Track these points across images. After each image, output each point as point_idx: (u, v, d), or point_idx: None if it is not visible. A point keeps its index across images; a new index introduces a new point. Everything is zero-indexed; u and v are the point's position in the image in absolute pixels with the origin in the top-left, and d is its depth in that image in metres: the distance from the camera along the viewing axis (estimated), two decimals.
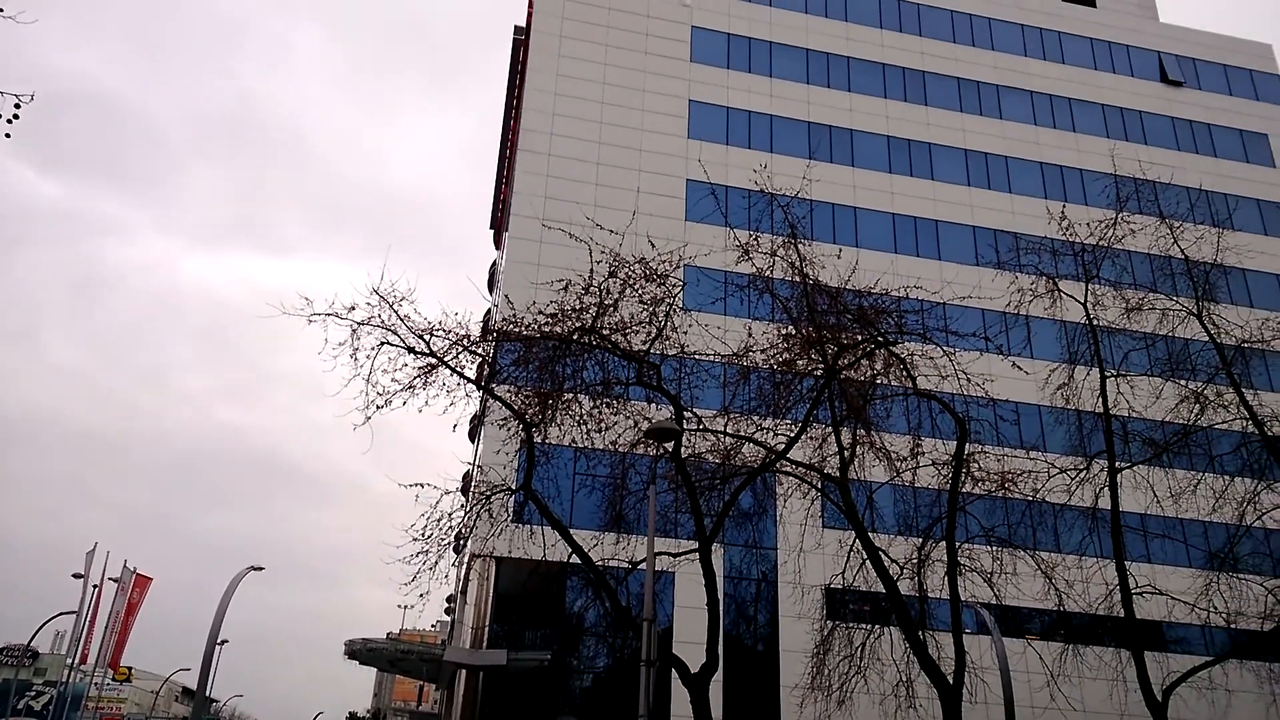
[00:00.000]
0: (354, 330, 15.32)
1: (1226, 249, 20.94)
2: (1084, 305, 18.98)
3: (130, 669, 70.60)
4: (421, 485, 15.41)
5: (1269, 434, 17.87)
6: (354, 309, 15.33)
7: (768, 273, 16.68)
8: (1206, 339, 18.76)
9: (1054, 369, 19.52)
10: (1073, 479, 18.98)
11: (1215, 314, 19.08)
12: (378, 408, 15.25)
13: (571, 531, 16.56)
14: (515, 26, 41.81)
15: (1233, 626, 19.83)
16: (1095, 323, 19.01)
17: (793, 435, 16.79)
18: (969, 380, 16.67)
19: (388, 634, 63.66)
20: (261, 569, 24.85)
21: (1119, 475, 18.30)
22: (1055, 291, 19.03)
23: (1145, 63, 44.98)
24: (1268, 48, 46.98)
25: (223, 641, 31.62)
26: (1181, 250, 19.53)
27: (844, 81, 40.57)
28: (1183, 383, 19.27)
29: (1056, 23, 44.92)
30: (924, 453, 17.87)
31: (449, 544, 15.88)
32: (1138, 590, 17.77)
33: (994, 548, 18.91)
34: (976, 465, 18.11)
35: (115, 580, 43.20)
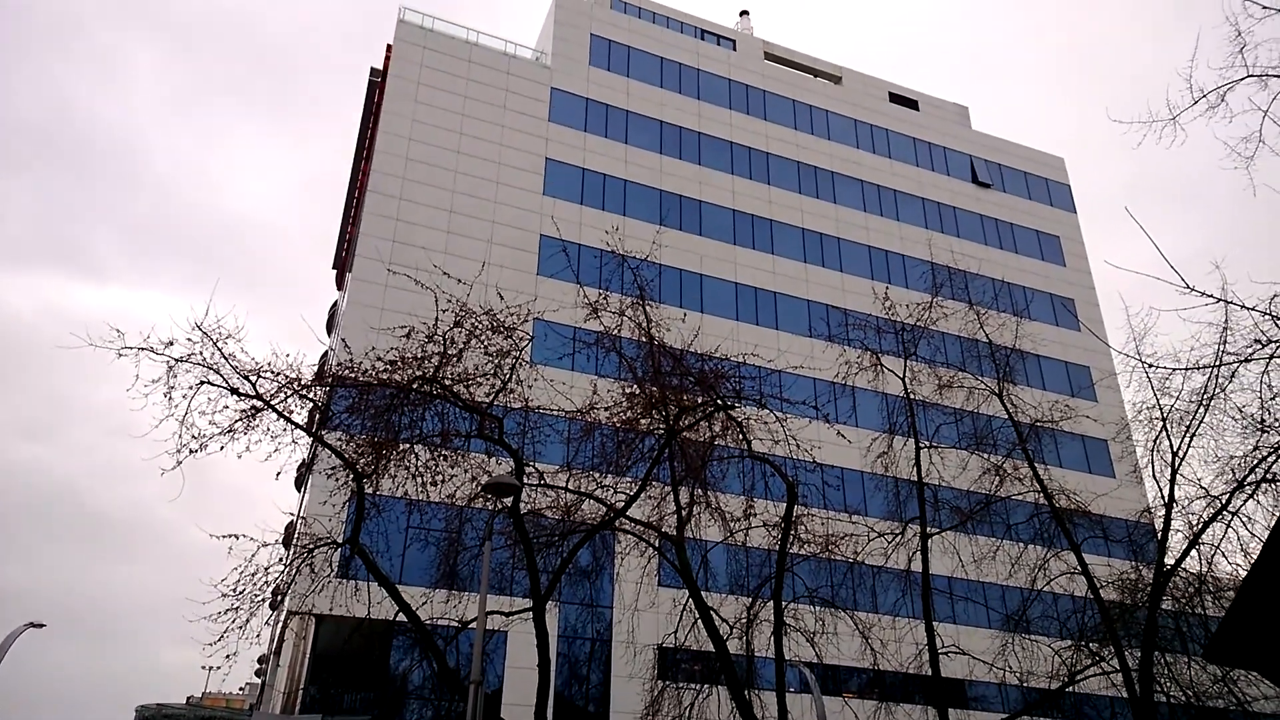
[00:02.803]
0: (170, 367, 14.30)
1: (1024, 336, 23.25)
2: (903, 380, 20.40)
3: None
4: (236, 536, 14.38)
5: (1057, 506, 19.67)
6: (172, 344, 14.36)
7: (615, 332, 16.94)
8: (1006, 417, 20.58)
9: (875, 438, 20.80)
10: (890, 543, 20.13)
11: (1013, 394, 21.02)
12: (191, 452, 14.24)
13: (401, 588, 15.83)
14: (372, 69, 41.15)
15: (1025, 685, 21.44)
16: (912, 397, 20.47)
17: (632, 493, 16.93)
18: (799, 445, 17.47)
19: (188, 698, 57.86)
20: (43, 625, 22.11)
21: (929, 540, 19.58)
22: (878, 366, 20.40)
23: (959, 164, 49.91)
24: (1061, 160, 53.33)
25: None
26: (986, 335, 21.48)
27: (695, 155, 42.46)
28: (985, 456, 21.00)
29: (885, 121, 49.16)
30: (756, 514, 18.45)
31: (263, 600, 14.76)
32: (944, 650, 18.90)
33: (817, 608, 19.66)
34: (804, 527, 18.87)
35: None
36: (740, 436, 17.22)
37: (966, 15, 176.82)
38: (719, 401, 16.86)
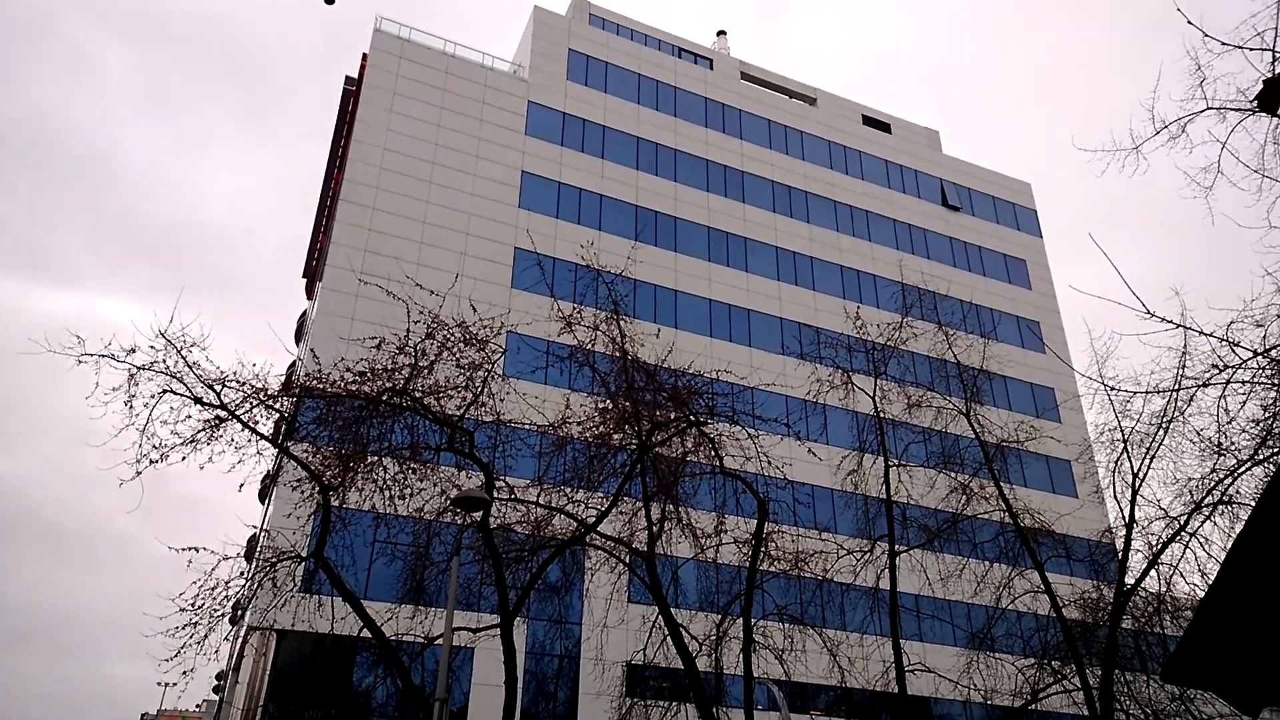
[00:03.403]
0: (132, 375, 14.05)
1: (991, 357, 23.61)
2: (873, 399, 20.62)
3: None
4: (196, 549, 14.11)
5: (1022, 525, 19.93)
6: (134, 351, 14.12)
7: (589, 346, 16.94)
8: (973, 436, 20.86)
9: (845, 456, 20.96)
10: (858, 560, 20.26)
11: (980, 414, 21.31)
12: (151, 462, 13.98)
13: (366, 603, 15.62)
14: (346, 77, 40.96)
15: (989, 703, 21.63)
16: (882, 415, 20.67)
17: (604, 509, 16.89)
18: (770, 462, 17.55)
19: (142, 715, 56.52)
20: None
21: (897, 558, 19.74)
22: (849, 384, 20.60)
23: (930, 187, 50.68)
24: (1028, 185, 54.35)
25: None
26: (954, 355, 21.78)
27: (671, 171, 42.71)
28: (953, 475, 21.25)
29: (858, 143, 49.83)
30: (727, 530, 18.49)
31: (223, 615, 14.48)
32: (910, 668, 19.02)
33: (786, 625, 19.70)
34: (774, 544, 18.93)
35: None
36: (712, 453, 17.27)
37: (938, 42, 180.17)
38: (692, 418, 16.90)
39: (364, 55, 39.09)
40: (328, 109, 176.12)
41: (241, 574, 14.84)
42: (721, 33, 53.67)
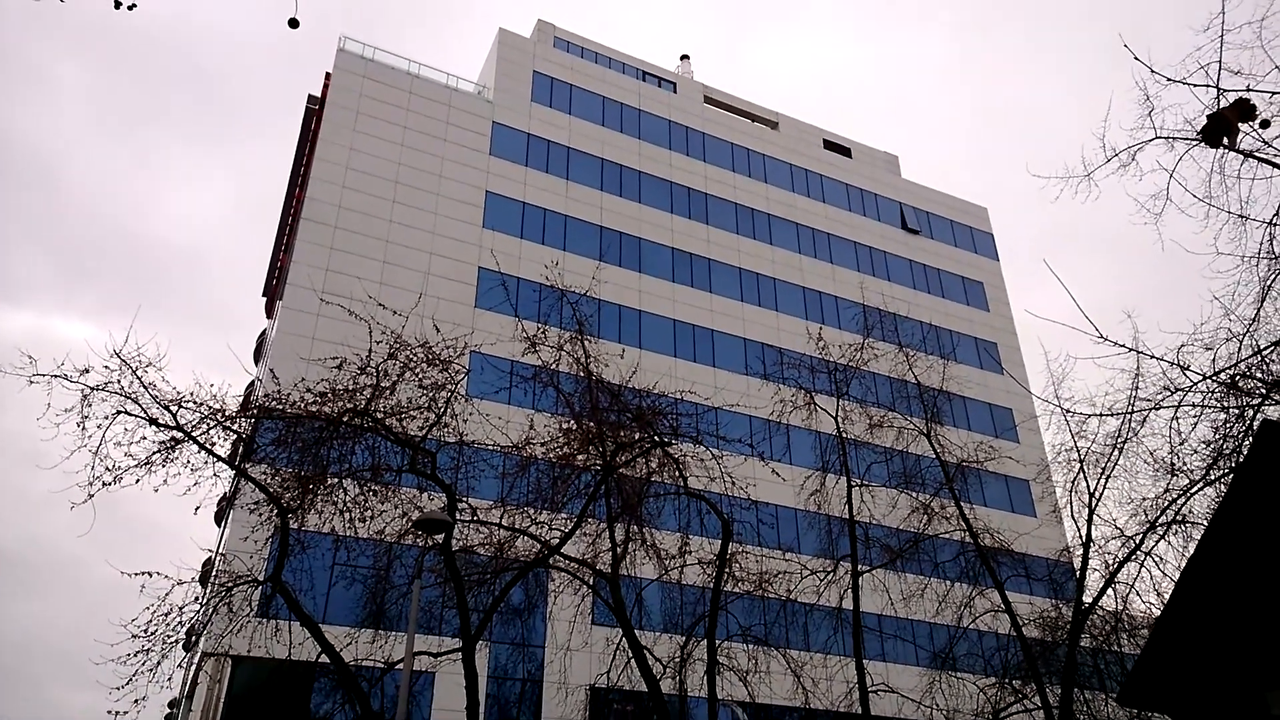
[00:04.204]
0: (85, 395, 13.74)
1: (950, 378, 23.99)
2: (835, 419, 20.81)
3: None
4: (149, 574, 13.76)
5: (982, 545, 20.20)
6: (88, 371, 13.82)
7: (553, 366, 16.90)
8: (934, 457, 21.13)
9: (809, 476, 21.09)
10: (822, 580, 20.35)
11: (941, 435, 21.62)
12: (104, 484, 13.64)
13: (325, 627, 15.30)
14: (309, 96, 40.66)
15: None
16: (844, 435, 20.87)
17: (567, 530, 16.77)
18: (735, 483, 17.59)
19: None
20: None
21: (860, 578, 19.86)
22: (812, 405, 20.78)
23: (889, 210, 51.57)
24: (984, 210, 55.55)
25: None
26: (915, 376, 22.10)
27: (635, 193, 42.95)
28: (914, 495, 21.49)
29: (819, 166, 50.60)
30: (691, 551, 18.46)
31: (176, 641, 14.10)
32: (874, 688, 19.10)
33: (750, 646, 19.68)
34: (738, 565, 18.94)
35: None
36: (677, 473, 17.27)
37: (898, 69, 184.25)
38: (656, 438, 16.90)
39: (327, 74, 38.88)
40: (290, 128, 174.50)
41: (196, 599, 14.47)
42: (685, 57, 54.30)
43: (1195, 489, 13.59)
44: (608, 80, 45.92)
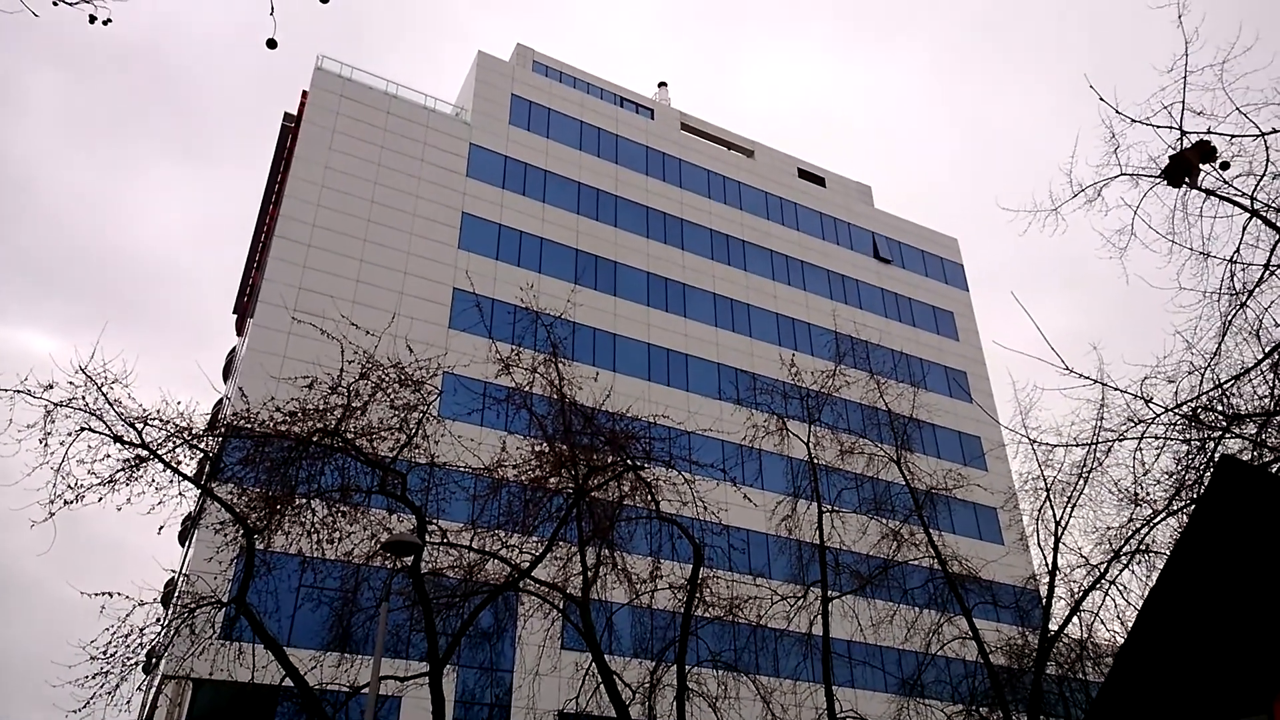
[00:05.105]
0: (48, 412, 13.52)
1: (920, 406, 24.28)
2: (807, 445, 20.96)
3: None
4: (110, 594, 13.49)
5: (950, 571, 20.36)
6: (51, 387, 13.61)
7: (527, 388, 16.87)
8: (904, 483, 21.32)
9: (780, 501, 21.18)
10: (792, 606, 20.37)
11: (911, 462, 21.83)
12: (66, 503, 13.38)
13: (290, 650, 15.05)
14: (285, 113, 40.54)
15: None
16: (815, 461, 21.01)
17: (538, 553, 16.67)
18: (706, 507, 17.61)
19: None
20: None
21: (830, 604, 19.91)
22: (784, 430, 20.91)
23: (862, 240, 52.28)
24: (955, 241, 56.48)
25: None
26: (886, 404, 22.35)
27: (611, 217, 43.18)
28: (884, 521, 21.65)
29: (794, 195, 51.24)
30: (662, 575, 18.42)
31: (136, 663, 13.79)
32: (843, 715, 19.10)
33: (720, 672, 19.61)
34: (709, 590, 18.92)
35: None
36: (649, 497, 17.27)
37: (872, 101, 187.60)
38: (629, 461, 16.90)
39: (304, 93, 38.79)
40: (266, 146, 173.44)
41: (157, 620, 14.18)
42: (663, 84, 54.92)
43: (1158, 519, 13.83)
44: (586, 105, 46.27)
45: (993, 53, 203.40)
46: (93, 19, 7.14)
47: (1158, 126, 8.99)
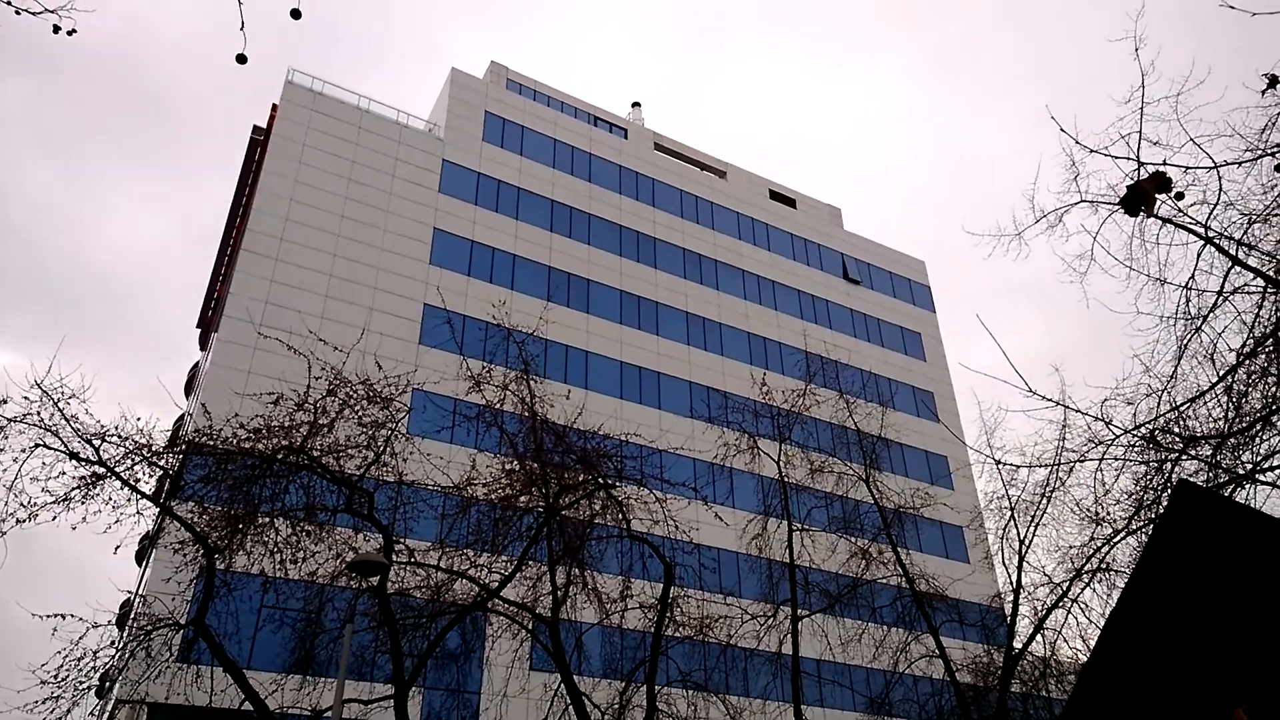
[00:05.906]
0: (1, 428, 13.22)
1: (888, 425, 24.50)
2: (777, 463, 21.04)
3: None
4: (63, 616, 13.13)
5: (918, 590, 20.49)
6: (4, 403, 13.32)
7: (498, 406, 16.77)
8: (872, 502, 21.46)
9: (751, 520, 21.20)
10: (762, 625, 20.36)
11: (879, 481, 21.99)
12: (19, 521, 13.05)
13: (250, 673, 14.74)
14: (254, 126, 40.21)
15: None
16: (786, 480, 21.08)
17: (507, 573, 16.52)
18: (678, 526, 17.58)
19: None
20: None
21: (800, 623, 19.93)
22: (755, 449, 20.98)
23: (832, 261, 52.84)
24: (922, 263, 57.30)
25: None
26: (855, 423, 22.52)
27: (584, 234, 43.25)
28: (853, 540, 21.75)
29: (765, 216, 51.73)
30: (633, 595, 18.33)
31: (89, 687, 13.42)
32: None
33: (690, 692, 19.52)
34: (679, 609, 18.85)
35: None
36: (620, 516, 17.19)
37: (842, 125, 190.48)
38: (600, 480, 16.84)
39: (274, 105, 38.51)
40: (233, 158, 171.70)
41: (112, 643, 13.82)
42: (636, 104, 55.31)
43: (1118, 539, 14.06)
44: (559, 123, 46.43)
45: (959, 83, 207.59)
46: (57, 29, 7.05)
47: (1116, 156, 9.22)
